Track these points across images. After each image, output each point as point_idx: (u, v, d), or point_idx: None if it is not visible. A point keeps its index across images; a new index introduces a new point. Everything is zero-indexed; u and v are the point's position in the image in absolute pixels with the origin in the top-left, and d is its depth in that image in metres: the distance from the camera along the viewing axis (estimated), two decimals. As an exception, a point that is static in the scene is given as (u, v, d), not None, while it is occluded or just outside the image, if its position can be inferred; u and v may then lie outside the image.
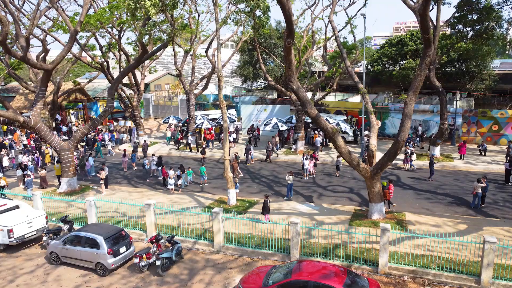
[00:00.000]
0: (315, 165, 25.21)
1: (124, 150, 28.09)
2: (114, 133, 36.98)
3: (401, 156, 26.60)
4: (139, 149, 32.21)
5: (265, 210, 17.61)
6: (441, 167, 26.33)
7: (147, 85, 59.16)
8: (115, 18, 25.29)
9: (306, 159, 24.54)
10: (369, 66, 42.83)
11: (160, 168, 25.90)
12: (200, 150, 29.35)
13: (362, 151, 29.20)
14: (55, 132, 37.46)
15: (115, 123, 41.53)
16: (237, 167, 25.04)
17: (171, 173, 23.53)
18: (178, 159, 30.99)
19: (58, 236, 16.32)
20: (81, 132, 23.09)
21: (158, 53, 38.36)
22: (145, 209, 16.43)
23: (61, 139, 26.18)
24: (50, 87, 41.39)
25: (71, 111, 46.13)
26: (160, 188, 24.03)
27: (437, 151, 27.91)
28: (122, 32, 30.31)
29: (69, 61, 38.97)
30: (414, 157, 26.79)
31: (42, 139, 23.31)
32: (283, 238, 15.75)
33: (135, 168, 28.09)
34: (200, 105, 44.08)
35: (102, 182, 22.72)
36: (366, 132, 30.72)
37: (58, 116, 41.71)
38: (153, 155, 26.63)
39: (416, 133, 31.72)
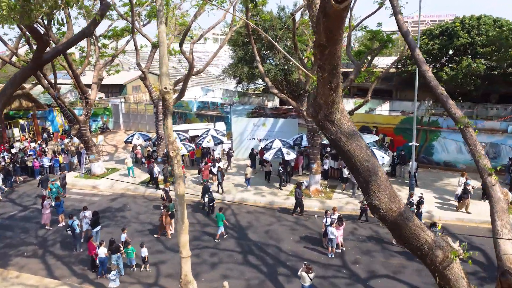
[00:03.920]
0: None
1: (43, 198, 18.18)
2: (59, 157, 27.04)
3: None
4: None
5: None
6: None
7: (122, 87, 49.47)
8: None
9: (332, 222, 14.64)
10: (400, 65, 32.87)
11: (96, 230, 16.13)
12: (162, 193, 19.48)
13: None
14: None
15: (66, 140, 31.44)
16: (170, 223, 16.40)
17: (102, 251, 13.74)
18: (142, 202, 21.17)
19: None
20: None
21: (119, 46, 28.62)
22: None
23: None
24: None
25: (21, 122, 36.17)
26: (87, 273, 14.27)
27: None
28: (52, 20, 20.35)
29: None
30: (423, 208, 16.87)
31: None
32: None
33: (62, 224, 18.22)
34: (181, 115, 34.16)
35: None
36: (415, 165, 20.67)
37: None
38: (84, 208, 16.74)
39: None
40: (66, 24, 14.39)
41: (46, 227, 18.07)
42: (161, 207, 17.23)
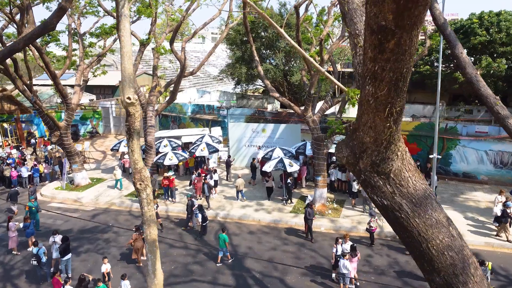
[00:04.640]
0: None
1: (8, 218, 15.82)
2: (40, 166, 24.70)
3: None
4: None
5: None
6: None
7: (115, 88, 47.08)
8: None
9: (343, 255, 12.29)
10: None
11: (66, 259, 13.81)
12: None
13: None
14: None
15: (50, 147, 28.99)
16: (143, 248, 13.95)
17: (68, 291, 11.40)
18: (125, 220, 18.82)
19: None
20: None
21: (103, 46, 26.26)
22: None
23: None
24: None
25: (5, 126, 33.80)
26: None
27: None
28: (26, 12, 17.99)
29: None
30: None
31: None
32: None
33: (31, 248, 15.85)
34: (175, 119, 31.83)
35: None
36: (436, 179, 18.25)
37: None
38: (54, 233, 14.38)
39: None
40: (27, 17, 12.07)
41: (13, 252, 15.74)
42: (133, 229, 14.84)
